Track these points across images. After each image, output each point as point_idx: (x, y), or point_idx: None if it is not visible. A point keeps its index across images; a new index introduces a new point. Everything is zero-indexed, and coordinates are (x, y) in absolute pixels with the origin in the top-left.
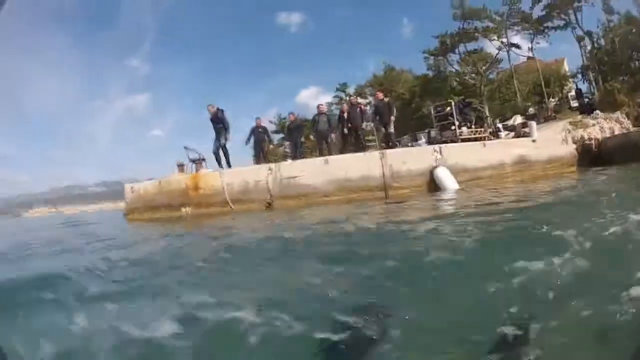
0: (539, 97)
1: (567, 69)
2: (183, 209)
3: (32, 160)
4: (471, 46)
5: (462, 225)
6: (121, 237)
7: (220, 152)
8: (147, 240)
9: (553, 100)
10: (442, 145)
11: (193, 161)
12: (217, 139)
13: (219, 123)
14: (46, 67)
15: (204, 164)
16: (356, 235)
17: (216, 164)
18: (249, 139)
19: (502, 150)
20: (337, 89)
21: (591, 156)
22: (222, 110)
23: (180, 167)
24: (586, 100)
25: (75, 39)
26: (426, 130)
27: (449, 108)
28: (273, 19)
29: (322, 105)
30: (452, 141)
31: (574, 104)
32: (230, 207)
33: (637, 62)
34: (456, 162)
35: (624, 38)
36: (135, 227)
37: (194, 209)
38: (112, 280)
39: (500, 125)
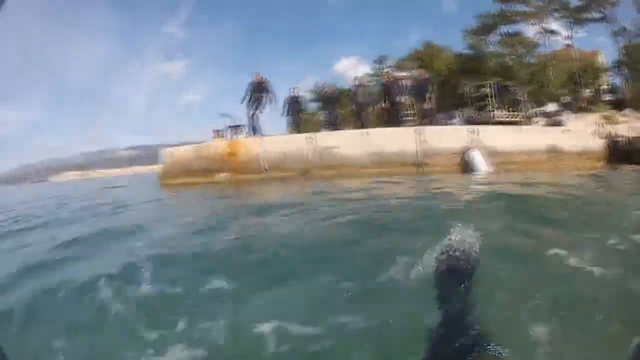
0: (575, 86)
1: (603, 62)
2: (220, 175)
3: (65, 124)
4: (511, 29)
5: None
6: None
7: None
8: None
9: (588, 90)
10: (479, 127)
11: (231, 127)
12: (255, 107)
13: (262, 92)
14: (84, 34)
15: (241, 130)
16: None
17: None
18: (285, 109)
19: (536, 136)
20: (375, 61)
21: (620, 153)
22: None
23: (217, 132)
24: (618, 96)
25: (115, 6)
26: (462, 109)
27: (486, 89)
28: None
29: (362, 77)
30: (487, 122)
31: (607, 97)
32: (266, 172)
33: None
34: (491, 144)
35: None
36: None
37: (231, 175)
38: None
39: (535, 111)
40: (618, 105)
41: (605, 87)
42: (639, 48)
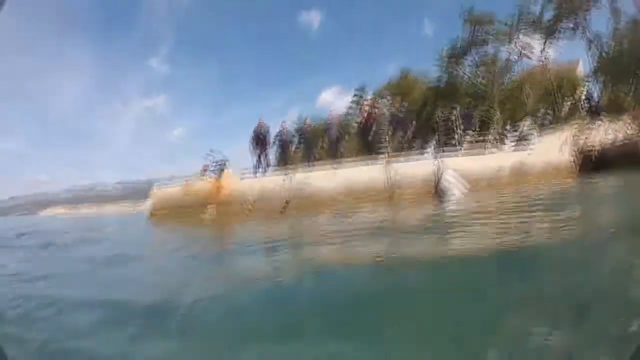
0: (553, 100)
1: (581, 71)
2: (206, 212)
3: (51, 160)
4: (483, 50)
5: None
6: None
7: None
8: None
9: (568, 103)
10: (443, 156)
11: (216, 165)
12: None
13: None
14: (67, 68)
15: (225, 165)
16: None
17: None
18: (275, 145)
19: (500, 160)
20: (355, 93)
21: (592, 164)
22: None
23: (204, 170)
24: (594, 103)
25: (96, 41)
26: (434, 138)
27: (453, 115)
28: (294, 18)
29: (333, 113)
30: (455, 148)
31: (586, 106)
32: (249, 210)
33: None
34: (456, 170)
35: (632, 44)
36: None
37: (216, 212)
38: None
39: (506, 132)
40: (594, 112)
41: (584, 97)
42: (614, 54)
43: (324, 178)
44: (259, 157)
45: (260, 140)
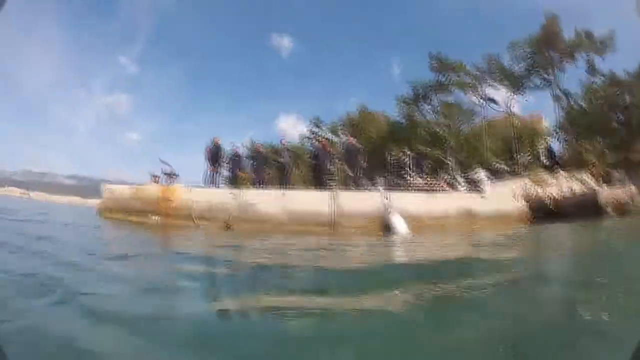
0: (510, 153)
1: (545, 126)
2: (153, 217)
3: (10, 136)
4: (446, 97)
5: None
6: None
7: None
8: None
9: (526, 155)
10: (391, 192)
11: (166, 174)
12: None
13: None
14: (37, 48)
15: (176, 178)
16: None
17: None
18: (227, 165)
19: (448, 202)
20: (312, 122)
21: (546, 213)
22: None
23: (154, 177)
24: (555, 159)
25: (70, 25)
26: (385, 176)
27: (405, 158)
28: (265, 40)
29: (285, 140)
30: (405, 189)
31: (544, 161)
32: (194, 223)
33: (616, 123)
34: (402, 208)
35: (605, 99)
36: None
37: (162, 219)
38: None
39: (459, 178)
40: (553, 167)
41: (543, 151)
42: (581, 111)
43: (271, 200)
44: (211, 173)
45: (212, 158)
